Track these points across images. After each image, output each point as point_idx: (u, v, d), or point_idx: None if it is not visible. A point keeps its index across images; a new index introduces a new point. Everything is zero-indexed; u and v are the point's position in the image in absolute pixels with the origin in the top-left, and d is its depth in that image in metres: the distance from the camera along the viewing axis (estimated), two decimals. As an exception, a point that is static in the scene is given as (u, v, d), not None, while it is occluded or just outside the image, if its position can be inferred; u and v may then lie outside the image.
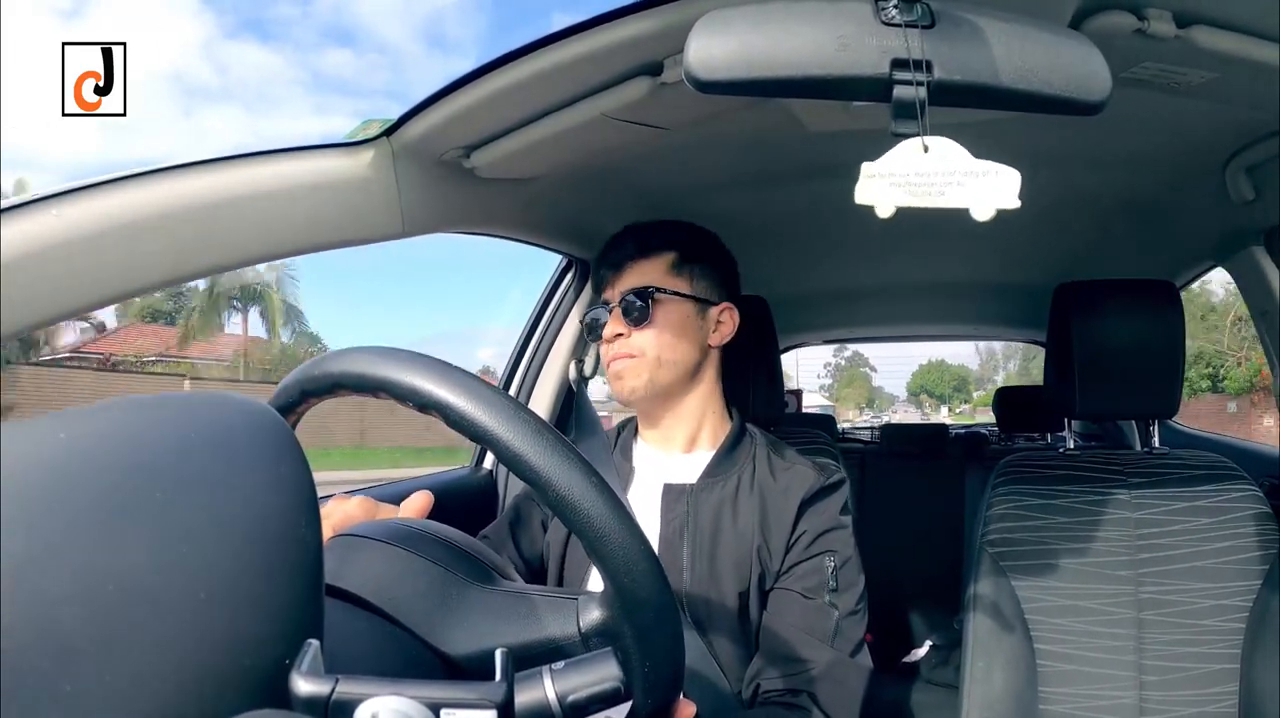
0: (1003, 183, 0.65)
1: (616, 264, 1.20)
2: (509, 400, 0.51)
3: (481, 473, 1.81)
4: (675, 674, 0.57)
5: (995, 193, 0.65)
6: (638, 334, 1.16)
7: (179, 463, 0.41)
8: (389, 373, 0.52)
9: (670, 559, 1.10)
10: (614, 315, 1.18)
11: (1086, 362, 1.37)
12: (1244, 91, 1.01)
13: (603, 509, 0.50)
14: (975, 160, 0.66)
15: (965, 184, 0.65)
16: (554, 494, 0.50)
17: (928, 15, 0.67)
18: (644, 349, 1.16)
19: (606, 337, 1.18)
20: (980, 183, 0.65)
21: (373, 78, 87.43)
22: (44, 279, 0.72)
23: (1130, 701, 1.23)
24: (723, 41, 0.68)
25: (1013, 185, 0.64)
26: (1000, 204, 0.64)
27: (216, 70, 65.42)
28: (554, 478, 0.50)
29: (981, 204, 0.65)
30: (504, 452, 0.50)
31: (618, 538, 0.51)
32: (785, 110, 1.12)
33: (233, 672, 0.38)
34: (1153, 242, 1.86)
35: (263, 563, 0.40)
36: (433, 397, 0.51)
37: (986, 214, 0.64)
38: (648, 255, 1.20)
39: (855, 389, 37.70)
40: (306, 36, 79.56)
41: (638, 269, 1.19)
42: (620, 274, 1.20)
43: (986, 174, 0.65)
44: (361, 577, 0.60)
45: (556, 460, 0.50)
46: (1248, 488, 1.31)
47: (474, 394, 0.50)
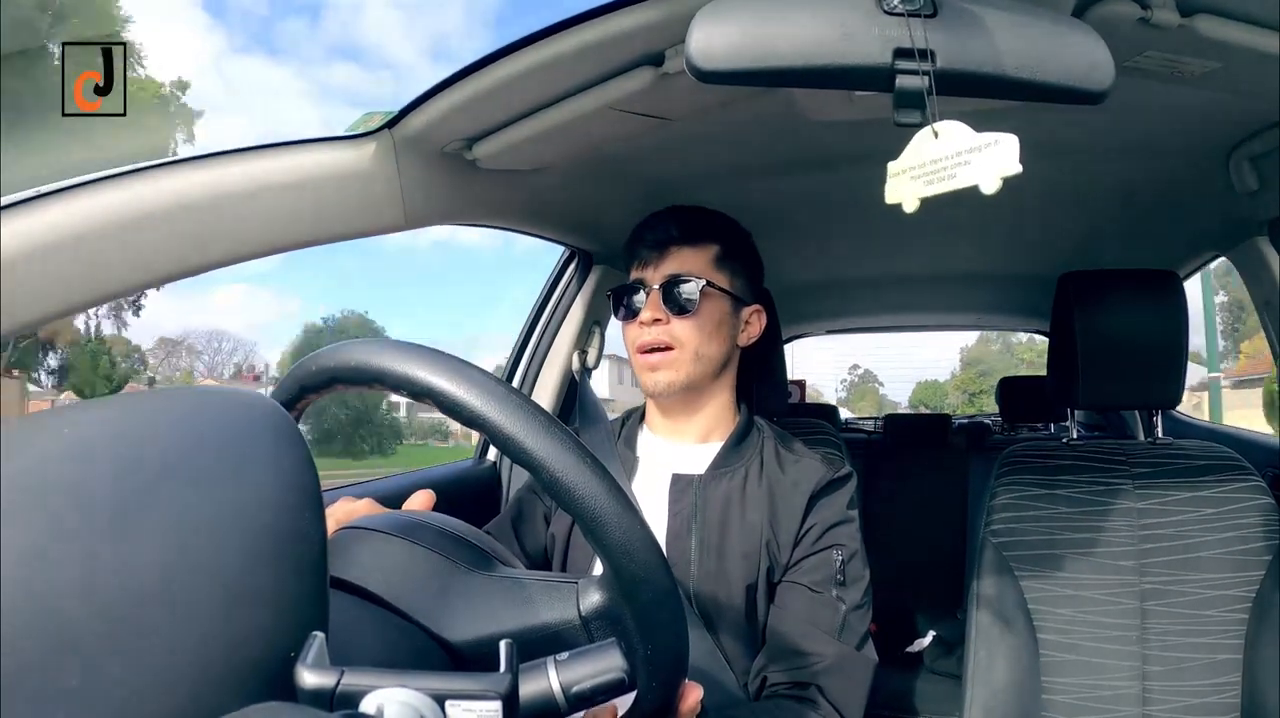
0: (1003, 150, 0.64)
1: (659, 245, 1.17)
2: (501, 385, 0.51)
3: (485, 465, 1.81)
4: (679, 658, 0.57)
5: (998, 162, 0.64)
6: (678, 324, 1.14)
7: (183, 457, 0.41)
8: (382, 364, 0.52)
9: (678, 552, 1.10)
10: (653, 299, 1.14)
11: (1090, 352, 1.36)
12: (1248, 81, 1.01)
13: (597, 490, 0.50)
14: (976, 134, 0.65)
15: (971, 161, 0.65)
16: (548, 476, 0.50)
17: (930, 4, 0.67)
18: (683, 341, 1.13)
19: (644, 320, 1.14)
20: (983, 155, 0.65)
21: (379, 89, 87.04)
22: (49, 274, 0.72)
23: (1133, 691, 1.24)
24: (724, 31, 0.68)
25: (1012, 151, 0.64)
26: (1004, 171, 0.64)
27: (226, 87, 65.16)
28: (547, 460, 0.50)
29: (988, 176, 0.64)
30: (496, 435, 0.50)
31: (614, 519, 0.51)
32: (787, 100, 1.12)
33: (238, 665, 0.38)
34: (1156, 231, 1.86)
35: (267, 556, 0.41)
36: (425, 384, 0.51)
37: (993, 186, 0.64)
38: (693, 243, 1.17)
39: (867, 401, 41.24)
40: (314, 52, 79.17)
41: (681, 256, 1.16)
42: (664, 257, 1.16)
43: (987, 145, 0.65)
44: (364, 568, 0.60)
45: (549, 442, 0.50)
46: (1251, 479, 1.31)
47: (466, 380, 0.50)
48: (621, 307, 1.19)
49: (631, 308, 1.17)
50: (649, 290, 1.15)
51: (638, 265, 1.18)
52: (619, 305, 1.19)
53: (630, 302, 1.17)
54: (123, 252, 0.77)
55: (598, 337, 1.77)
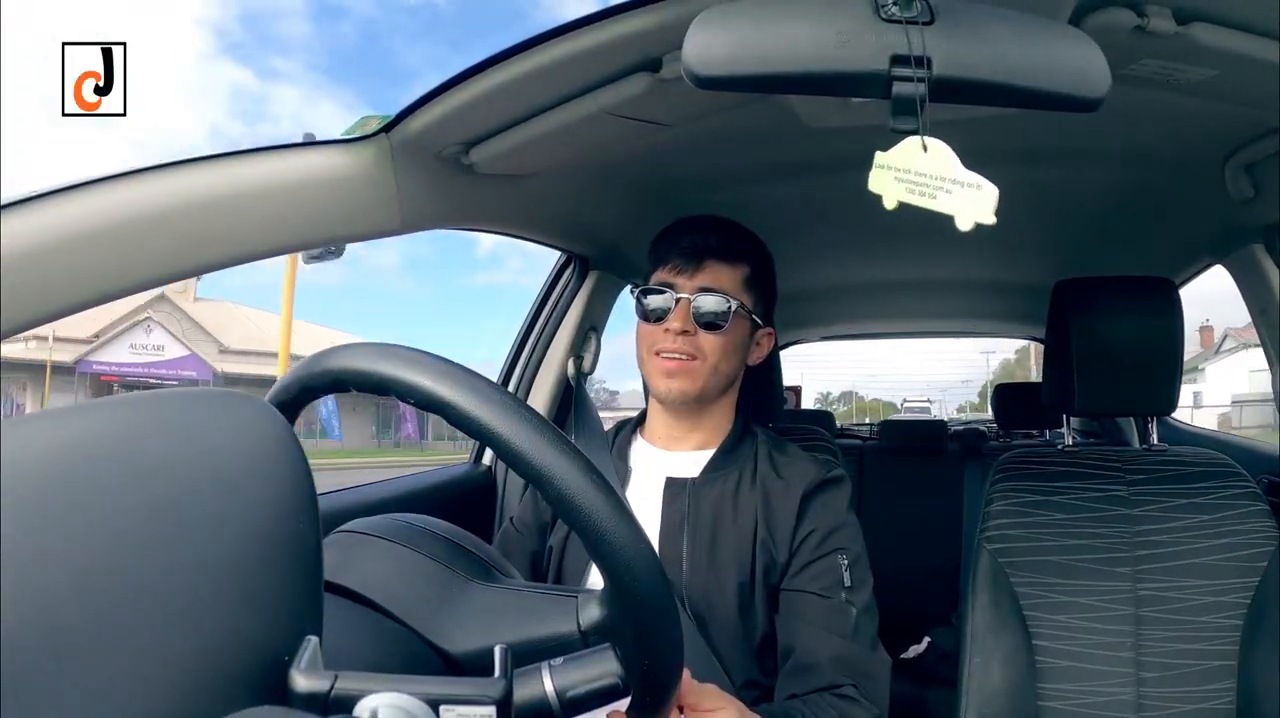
0: (983, 197, 0.66)
1: (695, 255, 1.15)
2: (511, 399, 0.51)
3: (480, 469, 1.81)
4: (675, 671, 0.57)
5: (976, 206, 0.65)
6: (704, 337, 1.13)
7: (178, 460, 0.41)
8: (391, 371, 0.52)
9: (669, 551, 1.10)
10: (683, 309, 1.13)
11: (1085, 358, 1.36)
12: (1243, 89, 1.01)
13: (604, 508, 0.50)
14: (964, 170, 0.67)
15: (953, 192, 0.66)
16: (556, 493, 0.50)
17: (927, 11, 0.67)
18: (706, 354, 1.13)
19: (671, 327, 1.13)
20: (964, 194, 0.66)
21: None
22: (46, 276, 0.72)
23: (1128, 697, 1.24)
24: (721, 37, 0.68)
25: (990, 202, 0.66)
26: (978, 218, 0.65)
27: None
28: (556, 477, 0.50)
29: (963, 215, 0.66)
30: (506, 450, 0.50)
31: (619, 537, 0.51)
32: (784, 106, 1.12)
33: (231, 668, 0.38)
34: (1152, 239, 1.86)
35: (261, 559, 0.40)
36: (435, 396, 0.50)
37: (966, 225, 0.65)
38: (729, 260, 1.16)
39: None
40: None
41: (716, 270, 1.15)
42: (700, 268, 1.14)
43: (969, 186, 0.66)
44: (362, 573, 0.60)
45: (558, 459, 0.50)
46: (1246, 485, 1.31)
47: (476, 393, 0.50)
48: (645, 307, 1.17)
49: (658, 312, 1.15)
50: (680, 299, 1.14)
51: (669, 269, 1.16)
52: (647, 311, 1.16)
53: (657, 305, 1.15)
54: (121, 252, 0.77)
55: (594, 342, 1.77)
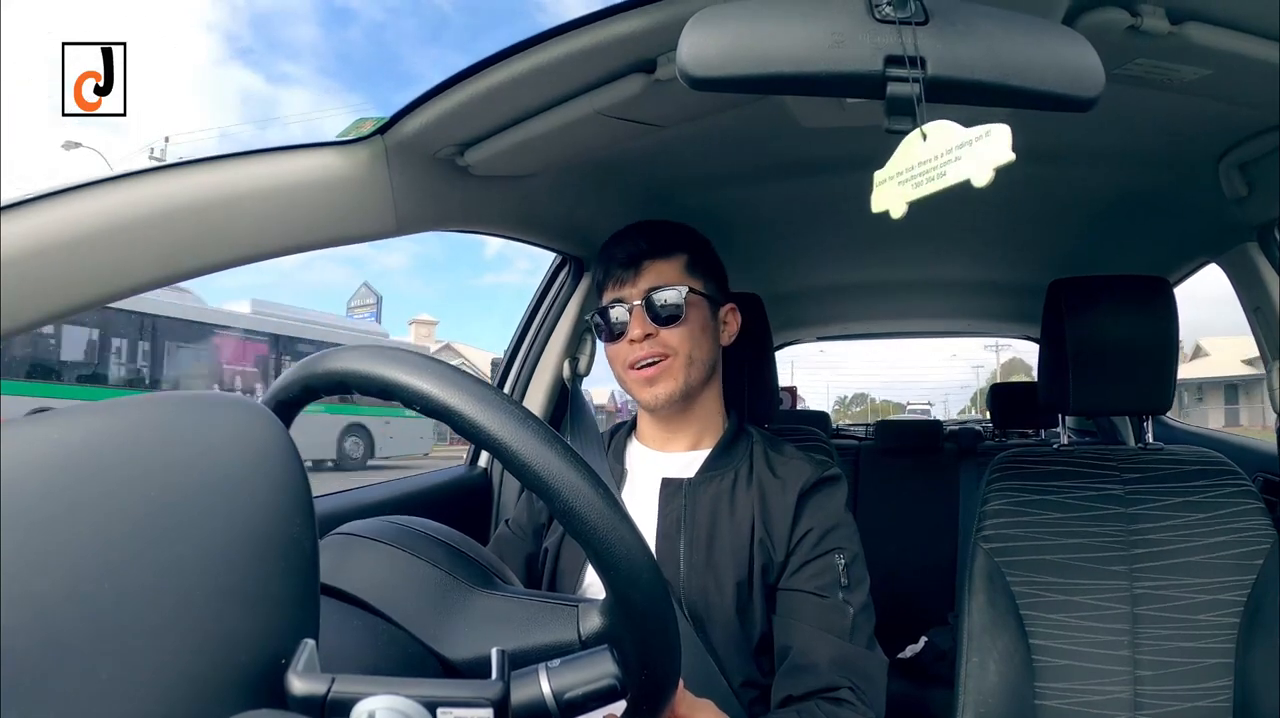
0: (994, 141, 0.64)
1: (632, 263, 1.17)
2: (518, 409, 0.51)
3: (476, 471, 1.81)
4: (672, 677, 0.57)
5: (990, 152, 0.64)
6: (667, 333, 1.14)
7: (173, 462, 0.41)
8: (396, 376, 0.52)
9: (667, 553, 1.10)
10: (637, 315, 1.15)
11: (1080, 357, 1.37)
12: (1237, 88, 1.01)
13: (610, 522, 0.50)
14: (966, 129, 0.65)
15: (961, 156, 0.65)
16: (560, 504, 0.50)
17: (921, 11, 0.67)
18: (675, 348, 1.14)
19: (634, 337, 1.14)
20: (974, 149, 0.64)
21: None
22: (42, 278, 0.72)
23: (1125, 695, 1.24)
24: (716, 38, 0.68)
25: (1005, 140, 0.63)
26: (997, 161, 0.63)
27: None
28: (560, 488, 0.50)
29: (979, 169, 0.64)
30: (511, 461, 0.50)
31: (624, 550, 0.51)
32: (779, 107, 1.12)
33: (228, 671, 0.38)
34: (1146, 238, 1.87)
35: (257, 562, 0.40)
36: (441, 404, 0.50)
37: (986, 178, 0.63)
38: (665, 255, 1.18)
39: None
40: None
41: (656, 268, 1.17)
42: (639, 273, 1.16)
43: (978, 138, 0.64)
44: (360, 577, 0.60)
45: (563, 470, 0.50)
46: (1241, 483, 1.31)
47: (482, 403, 0.50)
48: (604, 328, 1.19)
49: (616, 327, 1.17)
50: (631, 307, 1.15)
51: (613, 285, 1.18)
52: (601, 328, 1.19)
53: (613, 321, 1.17)
54: (117, 255, 0.77)
55: (589, 344, 1.77)
